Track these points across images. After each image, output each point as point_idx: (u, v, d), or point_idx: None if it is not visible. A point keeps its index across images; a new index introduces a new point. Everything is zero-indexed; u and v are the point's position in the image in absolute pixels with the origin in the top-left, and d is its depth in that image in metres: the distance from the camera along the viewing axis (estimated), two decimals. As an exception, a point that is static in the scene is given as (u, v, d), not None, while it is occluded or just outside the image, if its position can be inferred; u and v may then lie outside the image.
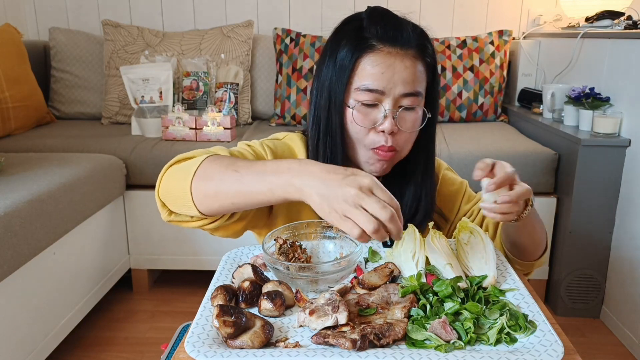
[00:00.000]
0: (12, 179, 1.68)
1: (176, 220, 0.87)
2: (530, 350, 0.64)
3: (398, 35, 0.90)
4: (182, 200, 0.82)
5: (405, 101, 0.91)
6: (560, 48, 2.47)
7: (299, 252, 0.86)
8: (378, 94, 0.90)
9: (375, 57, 0.90)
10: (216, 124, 2.22)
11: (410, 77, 0.90)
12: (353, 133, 0.93)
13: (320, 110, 0.96)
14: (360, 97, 0.91)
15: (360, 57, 0.90)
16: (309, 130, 0.99)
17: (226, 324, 0.66)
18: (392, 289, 0.77)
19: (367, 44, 0.90)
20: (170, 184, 0.85)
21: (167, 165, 0.88)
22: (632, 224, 1.90)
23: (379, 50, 0.90)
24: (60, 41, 2.73)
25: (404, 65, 0.89)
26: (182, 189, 0.81)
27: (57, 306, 1.74)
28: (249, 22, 2.72)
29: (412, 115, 0.93)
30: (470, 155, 2.09)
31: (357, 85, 0.91)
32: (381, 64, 0.89)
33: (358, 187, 0.67)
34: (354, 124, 0.92)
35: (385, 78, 0.89)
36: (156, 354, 1.87)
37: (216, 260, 1.18)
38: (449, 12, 2.91)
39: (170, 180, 0.85)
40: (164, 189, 0.86)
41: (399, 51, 0.90)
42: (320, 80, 0.96)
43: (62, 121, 2.71)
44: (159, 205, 0.87)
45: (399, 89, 0.90)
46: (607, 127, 1.95)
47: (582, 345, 1.93)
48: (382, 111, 0.91)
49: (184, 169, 0.83)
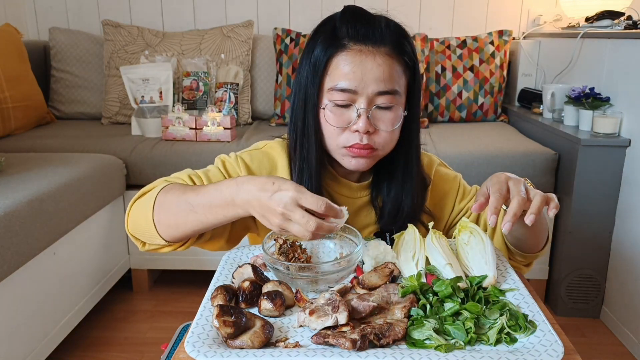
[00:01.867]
0: (12, 179, 1.68)
1: (151, 249, 0.92)
2: (530, 350, 0.64)
3: (369, 33, 0.89)
4: (149, 233, 0.87)
5: (380, 99, 0.89)
6: (560, 48, 2.47)
7: (299, 252, 0.86)
8: (351, 93, 0.89)
9: (346, 56, 0.89)
10: (216, 124, 2.22)
11: (383, 74, 0.88)
12: (327, 133, 0.93)
13: (297, 111, 0.95)
14: (334, 97, 0.90)
15: (332, 57, 0.90)
16: (288, 132, 0.99)
17: (226, 324, 0.66)
18: (392, 289, 0.77)
19: (339, 43, 0.89)
20: (136, 219, 0.90)
21: (132, 200, 0.92)
22: (632, 224, 1.90)
23: (350, 48, 0.89)
24: (60, 41, 2.73)
25: (376, 63, 0.88)
26: (146, 223, 0.86)
27: (57, 306, 1.74)
28: (249, 22, 2.72)
29: (389, 114, 0.91)
30: (471, 155, 2.09)
31: (330, 85, 0.90)
32: (352, 62, 0.88)
33: (283, 205, 0.72)
34: (327, 124, 0.91)
35: (356, 77, 0.88)
36: (156, 354, 1.87)
37: (216, 260, 1.18)
38: (449, 12, 2.91)
39: (135, 215, 0.90)
40: (132, 224, 0.91)
41: (370, 49, 0.88)
42: (297, 80, 0.95)
43: (62, 121, 2.71)
44: (132, 238, 0.92)
45: (372, 87, 0.88)
46: (607, 127, 1.95)
47: (582, 345, 1.93)
48: (355, 110, 0.90)
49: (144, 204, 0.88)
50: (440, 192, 1.08)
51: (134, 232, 0.91)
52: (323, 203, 0.72)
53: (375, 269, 0.82)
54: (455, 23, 2.92)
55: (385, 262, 0.84)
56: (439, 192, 1.08)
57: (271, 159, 1.02)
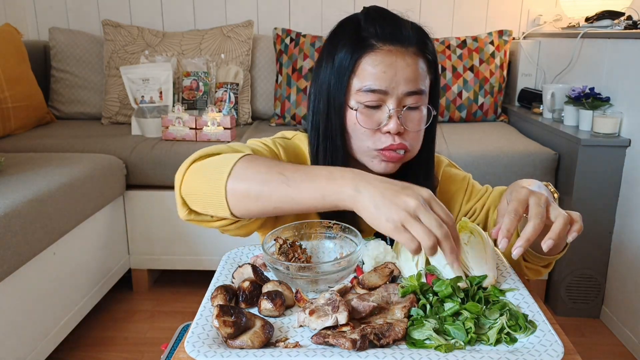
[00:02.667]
0: (12, 179, 1.68)
1: (196, 220, 0.83)
2: (530, 350, 0.64)
3: (397, 33, 0.88)
4: (212, 200, 0.78)
5: (409, 100, 0.89)
6: (560, 48, 2.47)
7: (299, 252, 0.86)
8: (381, 94, 0.88)
9: (375, 57, 0.87)
10: (216, 124, 2.22)
11: (412, 75, 0.88)
12: (357, 135, 0.91)
13: (319, 114, 0.93)
14: (363, 98, 0.88)
15: (360, 58, 0.88)
16: (309, 136, 0.97)
17: (226, 324, 0.66)
18: (392, 289, 0.77)
19: (366, 44, 0.88)
20: (198, 182, 0.80)
21: (188, 161, 0.83)
22: (632, 224, 1.90)
23: (379, 49, 0.87)
24: (60, 41, 2.73)
25: (406, 63, 0.87)
26: (214, 189, 0.77)
27: (57, 306, 1.74)
28: (249, 22, 2.72)
29: (417, 114, 0.91)
30: (470, 155, 2.09)
31: (358, 87, 0.88)
32: (382, 62, 0.87)
33: (417, 198, 0.66)
34: (358, 126, 0.89)
35: (387, 77, 0.87)
36: (156, 354, 1.87)
37: (216, 260, 1.18)
38: (449, 12, 2.91)
39: (197, 178, 0.80)
40: (188, 187, 0.81)
41: (399, 49, 0.88)
42: (318, 84, 0.93)
43: (62, 121, 2.71)
44: (179, 203, 0.83)
45: (402, 87, 0.87)
46: (607, 127, 1.95)
47: (582, 345, 1.93)
48: (386, 112, 0.88)
49: (214, 167, 0.78)
50: (447, 194, 1.07)
51: (187, 196, 0.81)
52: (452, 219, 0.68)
53: (375, 269, 0.82)
54: (455, 23, 2.92)
55: (385, 262, 0.84)
56: (445, 194, 1.06)
57: (300, 151, 1.00)
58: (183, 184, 0.82)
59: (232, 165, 0.76)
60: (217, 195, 0.77)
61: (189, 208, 0.82)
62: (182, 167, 0.83)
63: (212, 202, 0.78)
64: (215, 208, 0.78)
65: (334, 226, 0.89)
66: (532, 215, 0.73)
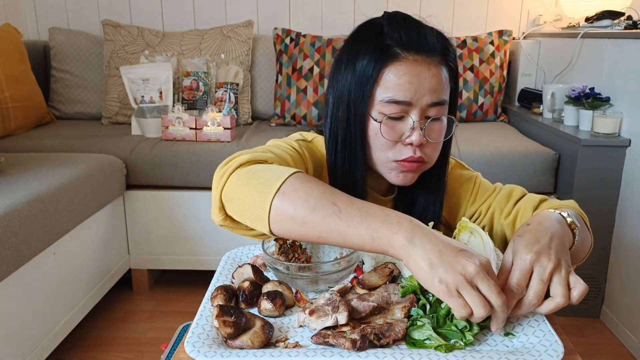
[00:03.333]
0: (12, 179, 1.68)
1: (230, 226, 0.79)
2: (530, 350, 0.64)
3: (423, 41, 0.84)
4: (253, 213, 0.73)
5: (432, 111, 0.86)
6: (560, 48, 2.47)
7: (299, 252, 0.86)
8: (405, 105, 0.85)
9: (401, 67, 0.84)
10: (216, 124, 2.22)
11: (437, 85, 0.85)
12: (378, 145, 0.88)
13: (338, 122, 0.90)
14: (386, 109, 0.85)
15: (384, 67, 0.84)
16: (326, 143, 0.94)
17: (226, 324, 0.66)
18: (392, 289, 0.77)
19: (390, 52, 0.84)
20: (243, 190, 0.74)
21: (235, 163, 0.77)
22: (632, 224, 1.90)
23: (405, 58, 0.84)
24: (60, 41, 2.73)
25: (431, 74, 0.84)
26: (259, 203, 0.72)
27: (57, 306, 1.74)
28: (249, 22, 2.72)
29: (439, 125, 0.88)
30: (470, 155, 2.09)
31: (381, 97, 0.85)
32: (408, 73, 0.84)
33: (476, 264, 0.63)
34: (380, 136, 0.87)
35: (412, 88, 0.84)
36: (156, 354, 1.87)
37: (216, 260, 1.18)
38: (449, 12, 2.91)
39: (242, 184, 0.75)
40: (231, 193, 0.76)
41: (424, 59, 0.84)
42: (337, 90, 0.90)
43: (62, 121, 2.71)
44: (216, 205, 0.78)
45: (426, 98, 0.85)
46: (607, 127, 1.95)
47: (582, 345, 1.93)
48: (410, 123, 0.86)
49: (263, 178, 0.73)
50: (454, 196, 1.05)
51: (227, 200, 0.76)
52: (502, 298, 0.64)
53: (375, 269, 0.82)
54: (455, 23, 2.92)
55: (385, 262, 0.84)
56: (452, 196, 1.04)
57: (320, 156, 0.97)
58: (226, 188, 0.76)
59: (282, 181, 0.71)
60: (260, 209, 0.72)
61: (226, 213, 0.78)
62: (225, 168, 0.77)
63: (253, 215, 0.73)
64: (254, 221, 0.74)
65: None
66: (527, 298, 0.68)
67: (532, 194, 1.00)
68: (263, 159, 0.79)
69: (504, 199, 1.01)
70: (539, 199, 0.98)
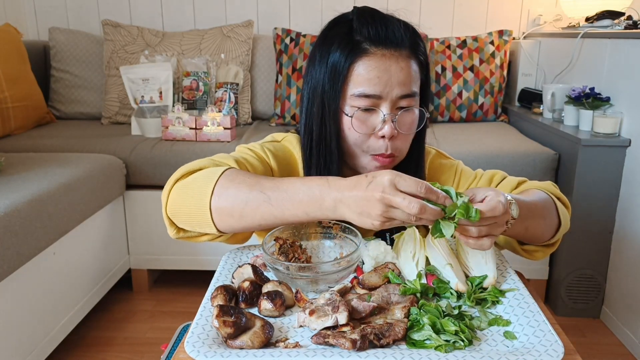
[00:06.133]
0: (12, 179, 1.68)
1: (185, 237, 0.85)
2: (530, 350, 0.64)
3: (391, 36, 0.87)
4: (198, 219, 0.79)
5: (403, 103, 0.88)
6: (560, 48, 2.47)
7: (299, 252, 0.86)
8: (375, 98, 0.87)
9: (370, 62, 0.86)
10: (216, 124, 2.22)
11: (406, 78, 0.87)
12: (351, 140, 0.90)
13: (312, 117, 0.92)
14: (357, 103, 0.88)
15: (354, 62, 0.87)
16: (302, 139, 0.96)
17: (226, 324, 0.66)
18: (392, 289, 0.77)
19: (359, 48, 0.87)
20: (182, 202, 0.81)
21: (172, 180, 0.84)
22: (632, 224, 1.90)
23: (373, 53, 0.86)
24: (60, 41, 2.73)
25: (400, 67, 0.87)
26: (199, 208, 0.78)
27: (57, 306, 1.74)
28: (249, 22, 2.72)
29: (410, 116, 0.90)
30: (470, 155, 2.09)
31: (352, 92, 0.88)
32: (377, 68, 0.86)
33: (382, 189, 0.67)
34: (352, 130, 0.89)
35: (381, 82, 0.86)
36: (156, 354, 1.87)
37: (216, 260, 1.18)
38: (449, 12, 2.91)
39: (181, 197, 0.81)
40: (174, 207, 0.82)
41: (393, 53, 0.87)
42: (312, 85, 0.92)
43: (62, 121, 2.71)
44: (167, 222, 0.84)
45: (395, 91, 0.87)
46: (607, 127, 1.95)
47: (582, 345, 1.93)
48: (381, 116, 0.88)
49: (197, 186, 0.79)
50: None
51: (173, 216, 0.82)
52: (423, 185, 0.68)
53: (375, 269, 0.82)
54: (455, 23, 2.92)
55: (385, 262, 0.84)
56: None
57: (290, 154, 1.00)
58: (168, 205, 0.83)
59: (214, 184, 0.77)
60: (202, 214, 0.78)
61: (177, 227, 0.84)
62: (166, 186, 0.84)
63: (198, 221, 0.80)
64: (202, 226, 0.80)
65: (334, 226, 0.89)
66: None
67: (512, 177, 1.02)
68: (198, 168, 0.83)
69: (486, 184, 1.03)
70: (517, 180, 1.01)
